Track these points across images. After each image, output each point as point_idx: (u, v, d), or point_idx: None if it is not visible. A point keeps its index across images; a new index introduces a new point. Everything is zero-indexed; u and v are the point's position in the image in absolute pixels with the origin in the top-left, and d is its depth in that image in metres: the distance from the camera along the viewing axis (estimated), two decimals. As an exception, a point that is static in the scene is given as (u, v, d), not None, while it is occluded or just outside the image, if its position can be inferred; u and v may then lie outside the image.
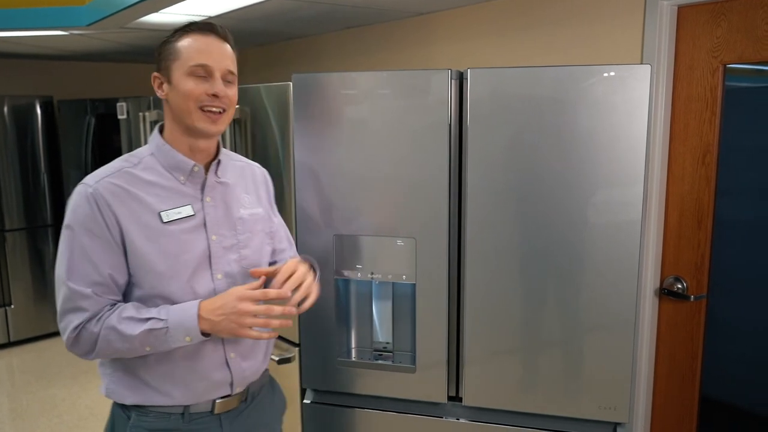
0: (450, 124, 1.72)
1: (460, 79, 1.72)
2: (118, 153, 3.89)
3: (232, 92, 1.38)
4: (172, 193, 1.35)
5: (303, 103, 1.83)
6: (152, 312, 1.29)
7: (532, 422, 1.81)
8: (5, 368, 4.06)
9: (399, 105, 1.75)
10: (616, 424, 1.77)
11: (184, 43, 1.32)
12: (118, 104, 3.76)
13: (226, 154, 1.48)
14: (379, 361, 1.92)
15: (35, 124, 4.39)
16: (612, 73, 1.59)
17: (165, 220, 1.32)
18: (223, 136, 2.32)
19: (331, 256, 1.87)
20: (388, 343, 1.96)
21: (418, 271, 1.81)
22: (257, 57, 4.09)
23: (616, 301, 1.68)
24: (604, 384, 1.72)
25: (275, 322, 1.31)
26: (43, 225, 4.48)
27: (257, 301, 1.30)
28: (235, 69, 1.38)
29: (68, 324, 1.29)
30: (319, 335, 1.95)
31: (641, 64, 1.74)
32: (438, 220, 1.77)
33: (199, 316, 1.28)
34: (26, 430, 3.20)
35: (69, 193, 4.69)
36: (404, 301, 1.90)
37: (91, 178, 1.31)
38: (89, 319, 1.28)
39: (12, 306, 4.36)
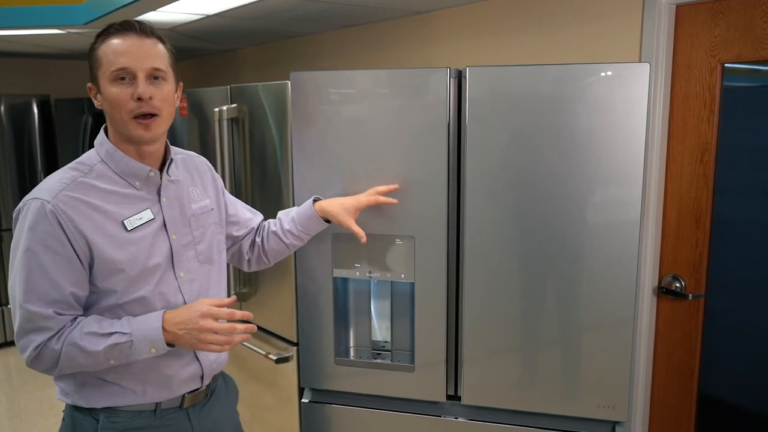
0: (449, 123, 1.72)
1: (459, 77, 1.72)
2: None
3: (162, 93, 1.29)
4: (130, 199, 1.34)
5: (301, 101, 1.83)
6: (115, 326, 1.27)
7: (531, 421, 1.81)
8: (3, 368, 4.05)
9: (398, 103, 1.75)
10: (614, 423, 1.77)
11: (104, 48, 1.26)
12: (116, 103, 3.76)
13: (172, 151, 1.46)
14: (378, 360, 1.92)
15: (32, 123, 4.38)
16: (611, 72, 1.59)
17: (129, 228, 1.31)
18: (220, 135, 2.32)
19: (330, 255, 1.87)
20: (386, 342, 1.96)
21: (417, 270, 1.81)
22: (255, 56, 4.08)
23: (615, 299, 1.68)
24: (603, 383, 1.72)
25: (237, 339, 1.32)
26: (40, 224, 4.47)
27: (220, 318, 1.30)
28: (163, 65, 1.30)
29: (29, 343, 1.26)
30: (318, 334, 1.94)
31: (640, 62, 1.74)
32: (437, 219, 1.77)
33: (163, 329, 1.28)
34: (24, 429, 3.19)
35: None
36: (403, 299, 1.90)
37: (45, 193, 1.25)
38: (50, 338, 1.25)
39: (9, 305, 4.35)
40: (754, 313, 2.01)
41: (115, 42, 1.26)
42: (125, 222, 1.31)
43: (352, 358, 1.95)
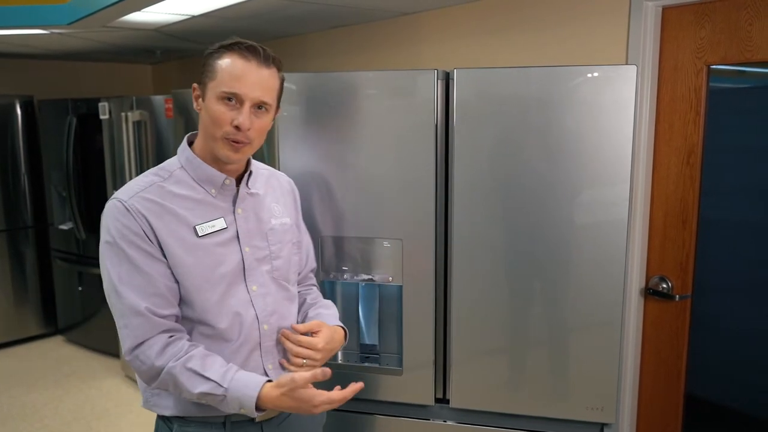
0: (436, 125, 1.72)
1: (447, 79, 1.71)
2: (100, 154, 3.85)
3: (261, 123, 1.31)
4: (204, 206, 1.33)
5: (288, 102, 1.81)
6: (216, 372, 1.25)
7: (520, 424, 1.81)
8: (-15, 373, 3.99)
9: (385, 105, 1.74)
10: (603, 425, 1.77)
11: (223, 63, 1.27)
12: (100, 104, 3.71)
13: (254, 164, 1.46)
14: (366, 364, 1.91)
15: (15, 124, 4.32)
16: (598, 74, 1.59)
17: (200, 234, 1.31)
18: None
19: (318, 258, 1.86)
20: (374, 345, 1.95)
21: (405, 273, 1.80)
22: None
23: (603, 301, 1.68)
24: (591, 384, 1.72)
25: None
26: (23, 227, 4.41)
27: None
28: (271, 98, 1.31)
29: (123, 342, 1.26)
30: (305, 338, 1.93)
31: (626, 64, 1.75)
32: (424, 221, 1.76)
33: (259, 398, 1.24)
34: (7, 435, 3.15)
35: (50, 195, 4.55)
36: (391, 302, 1.89)
37: (123, 194, 1.29)
38: (143, 344, 1.25)
39: (-9, 310, 4.29)
40: (740, 313, 2.02)
41: (236, 63, 1.26)
42: (197, 227, 1.31)
43: (340, 361, 1.94)
